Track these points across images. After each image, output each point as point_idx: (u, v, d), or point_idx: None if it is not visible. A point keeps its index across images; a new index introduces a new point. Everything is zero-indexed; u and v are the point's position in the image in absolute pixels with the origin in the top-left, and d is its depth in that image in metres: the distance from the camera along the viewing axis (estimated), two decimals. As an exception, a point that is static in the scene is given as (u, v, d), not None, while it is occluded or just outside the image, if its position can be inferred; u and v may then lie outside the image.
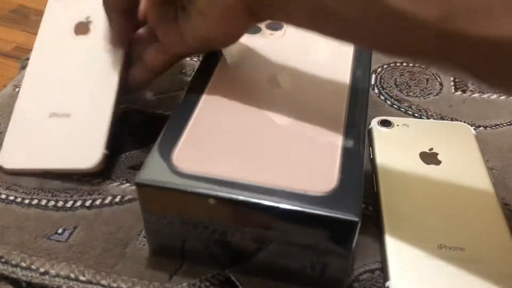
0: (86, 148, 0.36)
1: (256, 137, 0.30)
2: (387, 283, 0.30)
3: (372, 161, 0.37)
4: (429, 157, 0.37)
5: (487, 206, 0.34)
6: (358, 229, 0.26)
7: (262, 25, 0.40)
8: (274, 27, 0.39)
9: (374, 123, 0.40)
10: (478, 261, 0.30)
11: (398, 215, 0.33)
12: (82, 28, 0.42)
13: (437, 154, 0.37)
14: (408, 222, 0.32)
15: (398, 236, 0.32)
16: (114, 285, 0.30)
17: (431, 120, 0.42)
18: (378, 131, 0.39)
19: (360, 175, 0.27)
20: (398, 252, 0.31)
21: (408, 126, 0.40)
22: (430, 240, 0.31)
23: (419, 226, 0.32)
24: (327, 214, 0.25)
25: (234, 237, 0.28)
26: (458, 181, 0.35)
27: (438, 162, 0.37)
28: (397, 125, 0.40)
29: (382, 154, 0.37)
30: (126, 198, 0.35)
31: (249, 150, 0.29)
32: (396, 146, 0.38)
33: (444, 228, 0.32)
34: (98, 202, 0.35)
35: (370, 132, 0.40)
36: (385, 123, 0.40)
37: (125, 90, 0.39)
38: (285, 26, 0.40)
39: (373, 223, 0.34)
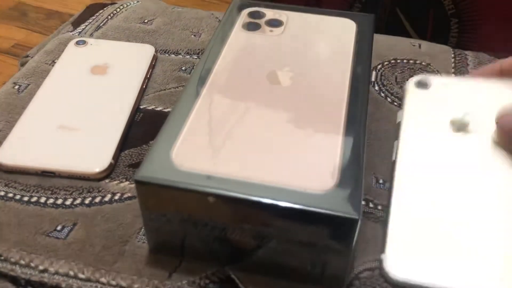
0: (93, 155, 0.37)
1: (256, 134, 0.30)
2: (382, 255, 0.30)
3: (399, 126, 0.36)
4: (460, 124, 0.35)
5: (494, 198, 0.33)
6: (358, 227, 0.26)
7: (262, 22, 0.40)
8: (273, 24, 0.39)
9: (410, 83, 0.38)
10: (478, 247, 0.30)
11: (408, 195, 0.33)
12: (99, 69, 0.45)
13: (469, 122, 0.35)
14: (417, 204, 0.32)
15: (402, 213, 0.32)
16: (114, 282, 0.30)
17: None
18: (412, 92, 0.37)
19: (360, 173, 0.27)
20: (398, 228, 0.31)
21: (447, 87, 0.37)
22: (432, 223, 0.31)
23: (425, 208, 0.32)
24: (327, 212, 0.25)
25: (234, 235, 0.28)
26: (489, 154, 0.33)
27: (467, 131, 0.35)
28: (435, 86, 0.37)
29: (411, 120, 0.36)
30: (126, 195, 0.35)
31: (248, 147, 0.29)
32: (427, 110, 0.36)
33: (448, 213, 0.32)
34: (97, 199, 0.35)
35: (403, 93, 0.38)
36: (422, 84, 0.37)
37: None
38: (285, 23, 0.39)
39: (373, 220, 0.34)
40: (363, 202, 0.35)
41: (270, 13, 0.41)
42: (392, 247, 0.30)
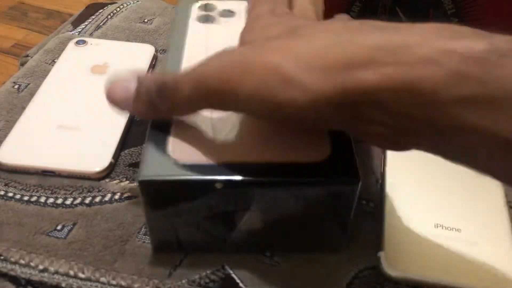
0: (93, 154, 0.37)
1: (243, 119, 0.30)
2: (379, 253, 0.31)
3: None
4: None
5: (489, 193, 0.34)
6: (359, 188, 0.27)
7: (215, 14, 0.39)
8: (227, 15, 0.39)
9: None
10: (472, 243, 0.31)
11: (401, 193, 0.34)
12: (99, 68, 0.44)
13: None
14: (409, 201, 0.34)
15: (397, 210, 0.33)
16: (114, 282, 0.30)
17: None
18: None
19: (350, 143, 0.28)
20: (394, 225, 0.32)
21: None
22: (428, 218, 0.33)
23: (419, 204, 0.34)
24: (329, 179, 0.27)
25: (240, 220, 0.28)
26: (464, 168, 0.36)
27: None
28: None
29: None
30: (126, 195, 0.35)
31: (239, 132, 0.29)
32: None
33: (443, 209, 0.33)
34: (97, 199, 0.35)
35: None
36: None
37: None
38: (237, 12, 0.39)
39: (373, 220, 0.34)
40: (363, 202, 0.35)
41: (220, 5, 0.40)
42: (388, 245, 0.31)
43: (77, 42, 0.48)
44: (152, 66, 0.47)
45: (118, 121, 0.40)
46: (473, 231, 0.32)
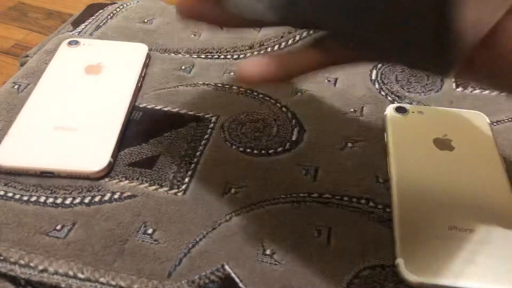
0: (91, 154, 0.37)
1: None
2: (397, 260, 0.30)
3: (386, 146, 0.38)
4: (443, 143, 0.38)
5: (498, 191, 0.34)
6: None
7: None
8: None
9: (389, 110, 0.41)
10: (487, 243, 0.31)
11: (410, 197, 0.34)
12: (93, 68, 0.45)
13: (451, 140, 0.38)
14: (420, 204, 0.34)
15: (409, 216, 0.33)
16: (113, 282, 0.30)
17: (446, 108, 0.43)
18: (393, 117, 0.40)
19: None
20: (409, 231, 0.32)
21: (423, 113, 0.41)
22: (441, 221, 0.32)
23: (431, 208, 0.33)
24: None
25: None
26: (471, 166, 0.36)
27: (451, 148, 0.38)
28: (412, 112, 0.41)
29: (396, 139, 0.38)
30: (125, 194, 0.35)
31: None
32: (410, 132, 0.39)
33: (455, 210, 0.33)
34: (97, 199, 0.35)
35: (384, 118, 0.41)
36: (401, 110, 0.41)
37: None
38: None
39: (373, 220, 0.34)
40: (363, 201, 0.35)
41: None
42: (405, 251, 0.31)
43: (70, 43, 0.48)
44: (146, 65, 0.47)
45: (115, 120, 0.39)
46: (486, 230, 0.32)
